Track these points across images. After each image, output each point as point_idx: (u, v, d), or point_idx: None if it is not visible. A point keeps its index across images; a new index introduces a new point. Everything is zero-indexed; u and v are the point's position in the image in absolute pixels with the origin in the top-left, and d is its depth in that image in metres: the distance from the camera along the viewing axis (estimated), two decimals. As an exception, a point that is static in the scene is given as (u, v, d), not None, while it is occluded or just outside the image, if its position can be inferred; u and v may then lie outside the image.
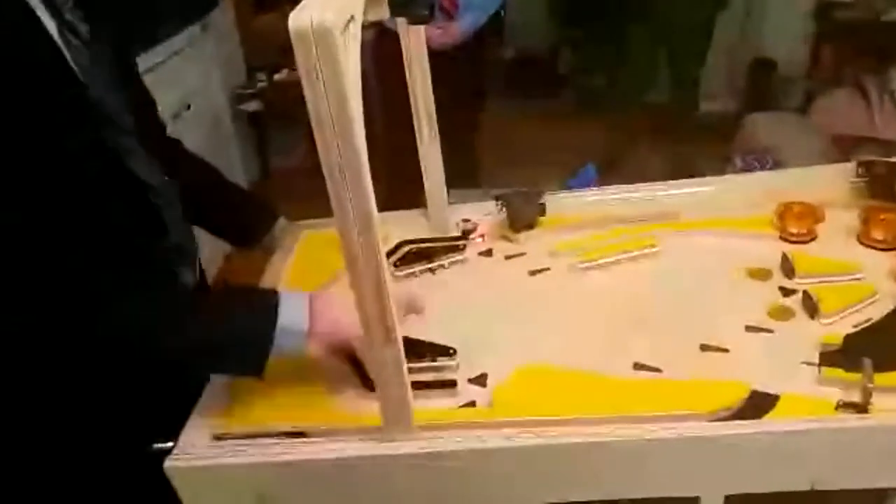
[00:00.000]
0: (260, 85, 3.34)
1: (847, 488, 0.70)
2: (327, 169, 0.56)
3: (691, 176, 1.20)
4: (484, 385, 0.81)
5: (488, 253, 1.10)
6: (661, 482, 0.72)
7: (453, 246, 1.09)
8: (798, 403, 0.72)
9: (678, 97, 3.29)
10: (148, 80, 1.05)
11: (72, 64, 0.75)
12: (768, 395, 0.73)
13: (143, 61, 1.99)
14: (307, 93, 0.52)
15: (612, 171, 2.66)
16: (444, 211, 1.14)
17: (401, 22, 0.92)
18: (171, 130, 1.12)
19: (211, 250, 2.48)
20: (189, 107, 2.51)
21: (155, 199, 0.88)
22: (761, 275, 0.96)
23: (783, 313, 0.88)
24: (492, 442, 0.71)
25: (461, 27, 2.18)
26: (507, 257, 1.08)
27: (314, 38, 0.49)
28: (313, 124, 0.53)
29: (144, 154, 0.87)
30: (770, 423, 0.69)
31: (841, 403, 0.70)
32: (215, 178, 1.15)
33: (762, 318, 0.87)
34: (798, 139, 2.74)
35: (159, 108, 1.06)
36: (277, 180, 3.41)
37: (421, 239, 1.10)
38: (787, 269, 0.95)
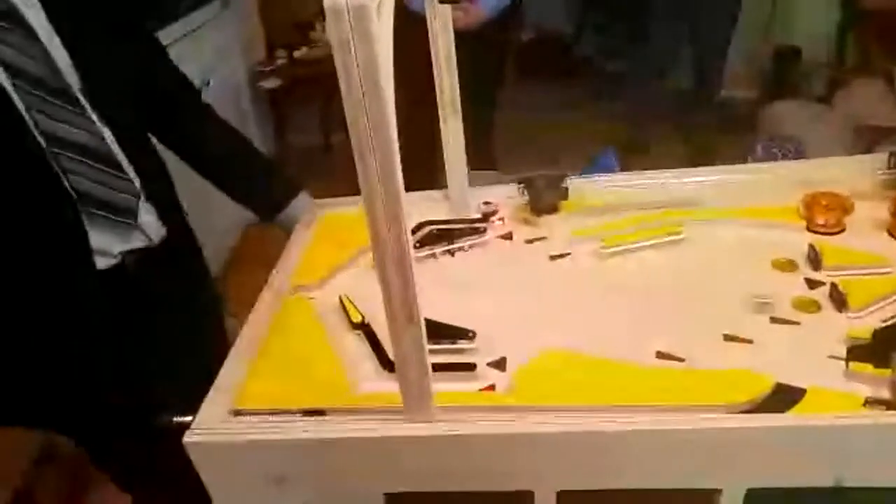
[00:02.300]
0: (279, 62, 3.32)
1: (874, 486, 0.69)
2: (357, 147, 0.55)
3: (711, 163, 1.18)
4: (503, 369, 0.81)
5: (508, 236, 1.09)
6: (681, 474, 0.71)
7: (474, 228, 1.08)
8: (825, 398, 0.70)
9: (700, 82, 3.23)
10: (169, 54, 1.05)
11: None
12: (794, 388, 0.71)
13: (164, 36, 1.99)
14: (339, 69, 0.51)
15: (631, 156, 2.63)
16: (464, 193, 1.13)
17: (429, 1, 0.91)
18: (191, 105, 1.12)
19: (230, 220, 2.50)
20: (209, 83, 2.50)
21: (66, 152, 0.91)
22: (787, 266, 0.94)
23: (809, 305, 0.86)
24: (512, 427, 0.70)
25: (483, 9, 2.16)
26: (528, 241, 1.07)
27: (349, 15, 0.48)
28: (344, 102, 0.52)
29: (82, 116, 0.92)
30: (796, 417, 0.68)
31: (870, 400, 0.69)
32: (242, 146, 1.17)
33: (788, 310, 0.86)
34: (821, 128, 2.70)
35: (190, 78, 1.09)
36: (295, 157, 3.40)
37: (442, 220, 1.09)
38: (814, 260, 0.93)
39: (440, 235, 1.07)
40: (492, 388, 0.78)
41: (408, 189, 1.15)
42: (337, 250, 1.05)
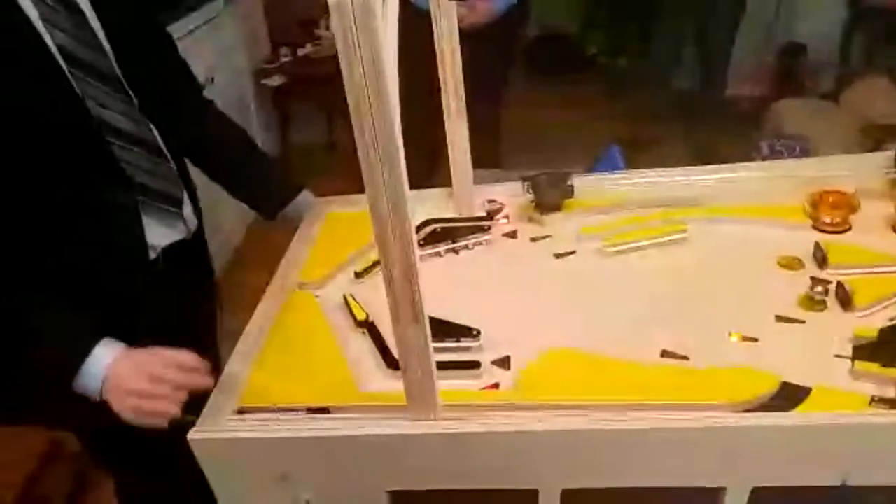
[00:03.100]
0: (283, 60, 3.32)
1: (880, 484, 0.68)
2: (361, 145, 0.55)
3: (716, 161, 1.17)
4: (508, 367, 0.81)
5: (513, 234, 1.09)
6: (686, 472, 0.71)
7: (478, 226, 1.08)
8: (831, 397, 0.70)
9: (705, 80, 3.22)
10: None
11: (35, 19, 0.81)
12: (800, 387, 0.71)
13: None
14: (343, 66, 0.51)
15: (636, 154, 2.62)
16: (469, 191, 1.12)
17: (434, -2, 0.91)
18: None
19: (234, 220, 2.51)
20: (213, 80, 2.50)
21: (119, 142, 0.90)
22: (792, 264, 0.94)
23: (815, 304, 0.86)
24: (516, 425, 0.70)
25: (491, 6, 2.15)
26: (533, 239, 1.07)
27: (353, 10, 0.48)
28: (349, 99, 0.52)
29: (127, 103, 0.90)
30: (802, 415, 0.68)
31: (876, 398, 0.69)
32: (245, 143, 1.17)
33: (793, 308, 0.85)
34: (827, 127, 2.68)
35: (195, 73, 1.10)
36: (299, 155, 3.40)
37: (446, 218, 1.09)
38: (820, 258, 0.93)
39: (444, 233, 1.07)
40: (496, 386, 0.78)
41: (410, 187, 1.14)
42: (341, 248, 1.05)
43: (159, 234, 0.98)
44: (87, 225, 0.89)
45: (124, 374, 0.80)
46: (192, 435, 0.74)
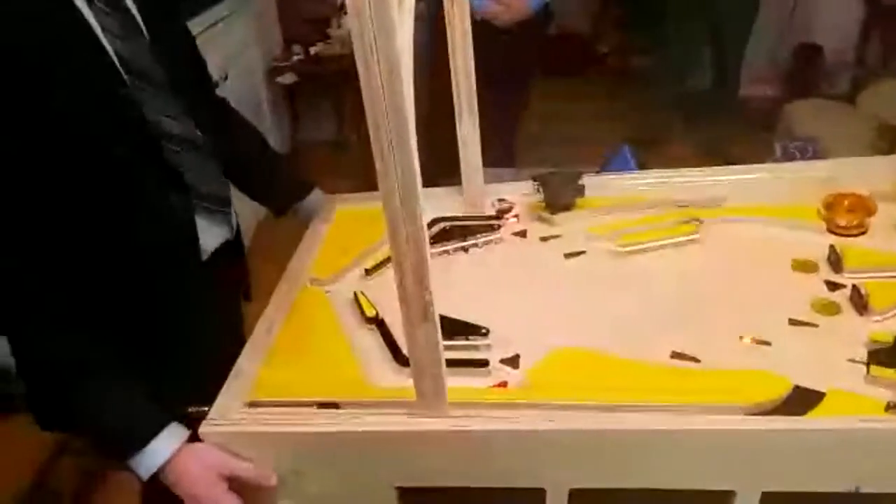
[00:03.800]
0: (296, 58, 3.33)
1: (895, 493, 0.68)
2: (376, 144, 0.54)
3: (729, 162, 1.16)
4: (516, 366, 0.80)
5: (523, 234, 1.08)
6: (695, 475, 0.71)
7: (488, 225, 1.08)
8: (845, 402, 0.69)
9: (718, 81, 3.20)
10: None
11: (95, 27, 0.80)
12: (813, 391, 0.71)
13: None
14: (360, 65, 0.51)
15: (648, 154, 2.61)
16: (479, 189, 1.12)
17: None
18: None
19: (245, 215, 2.51)
20: (226, 77, 2.52)
21: (172, 146, 0.89)
22: (806, 267, 0.93)
23: (829, 308, 0.85)
24: (524, 424, 0.70)
25: (527, 4, 2.14)
26: (543, 239, 1.06)
27: (371, 10, 0.48)
28: (364, 98, 0.52)
29: (173, 104, 0.89)
30: (815, 420, 0.67)
31: (891, 404, 0.68)
32: (256, 141, 1.17)
33: (807, 311, 0.85)
34: (843, 128, 2.65)
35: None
36: (310, 153, 3.42)
37: (456, 217, 1.09)
38: (835, 262, 0.92)
39: (454, 232, 1.06)
40: (504, 384, 0.78)
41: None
42: (351, 245, 1.05)
43: (211, 236, 0.98)
44: (145, 231, 0.88)
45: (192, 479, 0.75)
46: (203, 428, 0.75)
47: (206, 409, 0.77)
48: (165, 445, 0.76)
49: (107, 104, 0.81)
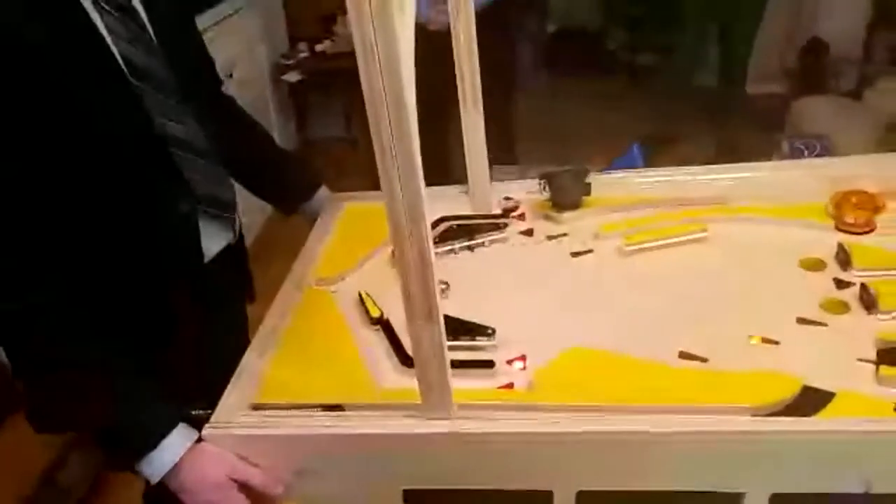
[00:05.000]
0: (301, 55, 3.33)
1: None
2: (378, 143, 0.54)
3: (736, 160, 1.15)
4: (523, 367, 0.80)
5: (529, 233, 1.08)
6: (703, 476, 0.70)
7: (494, 224, 1.07)
8: (854, 402, 0.69)
9: (726, 78, 3.18)
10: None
11: (101, 29, 0.80)
12: (822, 391, 0.70)
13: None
14: (361, 65, 0.50)
15: (655, 152, 2.59)
16: (485, 188, 1.12)
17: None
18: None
19: (251, 214, 2.52)
20: (231, 75, 2.52)
21: (177, 150, 0.89)
22: (815, 265, 0.92)
23: (838, 307, 0.84)
24: (531, 426, 0.70)
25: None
26: (549, 237, 1.06)
27: (371, 6, 0.48)
28: (366, 97, 0.52)
29: (179, 108, 0.89)
30: (824, 421, 0.67)
31: (901, 405, 0.67)
32: (263, 140, 1.17)
33: (815, 310, 0.84)
34: (851, 125, 2.64)
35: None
36: (316, 151, 3.42)
37: (461, 215, 1.09)
38: (843, 260, 0.91)
39: (460, 231, 1.06)
40: (510, 386, 0.77)
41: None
42: (357, 244, 1.05)
43: (213, 240, 0.98)
44: (147, 234, 0.88)
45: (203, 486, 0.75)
46: (207, 430, 0.75)
47: (210, 411, 0.76)
48: (175, 447, 0.76)
49: (111, 107, 0.81)
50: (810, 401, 0.69)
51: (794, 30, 3.55)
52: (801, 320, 0.82)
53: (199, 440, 0.76)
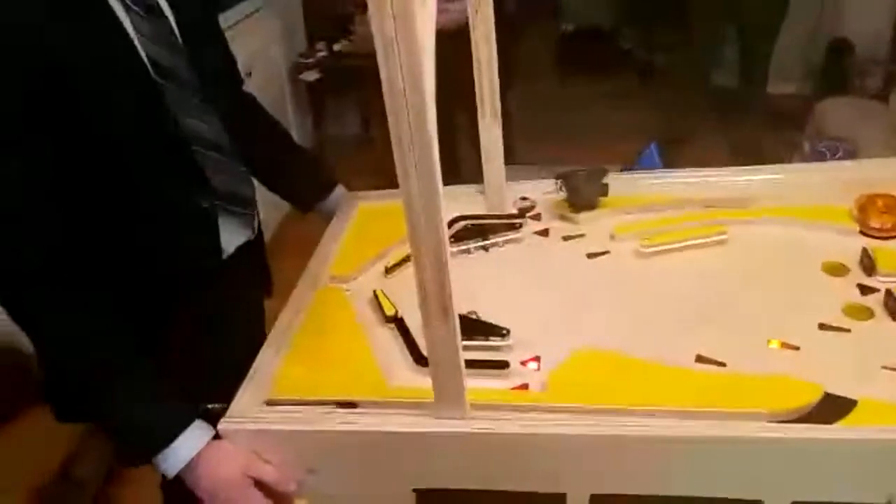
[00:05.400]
0: (319, 55, 3.34)
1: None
2: (396, 141, 0.54)
3: (756, 161, 1.14)
4: (537, 368, 0.79)
5: (545, 233, 1.07)
6: (719, 482, 0.69)
7: (509, 224, 1.07)
8: (877, 411, 0.67)
9: (746, 77, 3.13)
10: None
11: (129, 30, 0.80)
12: (844, 399, 0.68)
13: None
14: (381, 59, 0.50)
15: (674, 153, 2.57)
16: (501, 188, 1.11)
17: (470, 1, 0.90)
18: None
19: (269, 210, 2.54)
20: (250, 73, 2.53)
21: (199, 148, 0.89)
22: (838, 270, 0.90)
23: (861, 312, 0.82)
24: (545, 427, 0.69)
25: (459, 8, 2.10)
26: (565, 238, 1.05)
27: (392, 4, 0.47)
28: (385, 91, 0.51)
29: (202, 107, 0.89)
30: (846, 429, 0.65)
31: (927, 414, 0.66)
32: (282, 137, 1.17)
33: (838, 316, 0.82)
34: (875, 128, 2.59)
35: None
36: (332, 150, 3.43)
37: (477, 215, 1.08)
38: (868, 265, 0.89)
39: (475, 230, 1.05)
40: (525, 387, 0.77)
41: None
42: (372, 243, 1.05)
43: (232, 237, 0.98)
44: (167, 230, 0.88)
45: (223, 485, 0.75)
46: (222, 425, 0.75)
47: (225, 406, 0.77)
48: (191, 443, 0.76)
49: (136, 106, 0.82)
50: (832, 408, 0.68)
51: (818, 29, 3.49)
52: (823, 326, 0.81)
53: (216, 436, 0.76)
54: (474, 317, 0.86)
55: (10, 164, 0.74)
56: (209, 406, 0.79)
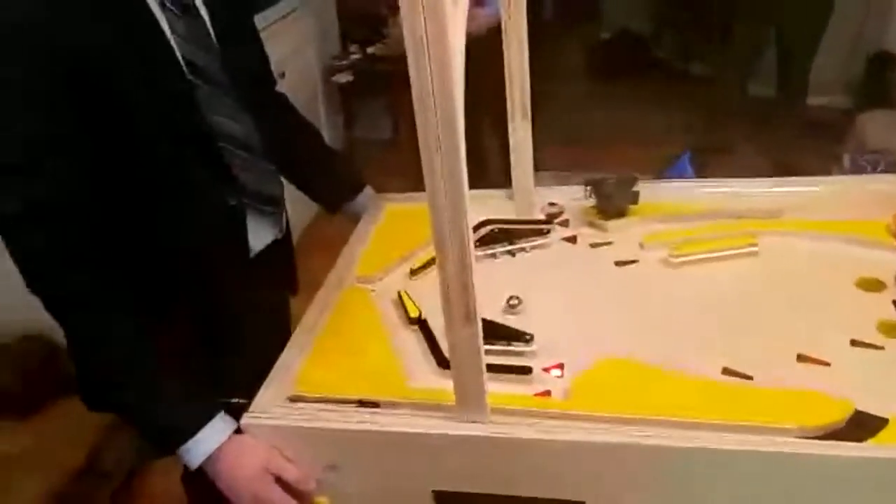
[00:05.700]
0: (353, 57, 3.37)
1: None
2: (423, 142, 0.54)
3: (793, 173, 1.11)
4: (561, 375, 0.79)
5: (572, 239, 1.06)
6: (745, 496, 0.68)
7: (537, 230, 1.06)
8: (910, 430, 0.65)
9: (784, 88, 3.07)
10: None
11: (165, 29, 0.82)
12: (876, 417, 0.67)
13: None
14: (410, 58, 0.50)
15: (709, 162, 2.53)
16: (529, 191, 1.11)
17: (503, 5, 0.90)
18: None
19: (298, 209, 2.57)
20: (283, 74, 2.56)
21: (230, 146, 0.90)
22: (873, 286, 0.88)
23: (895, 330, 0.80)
24: (567, 434, 0.69)
25: (487, 13, 2.08)
26: (593, 245, 1.04)
27: (423, 8, 0.47)
28: (414, 96, 0.52)
29: (234, 106, 0.90)
30: (877, 447, 0.64)
31: (961, 435, 0.64)
32: (313, 138, 1.18)
33: (871, 332, 0.80)
34: (917, 141, 2.52)
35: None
36: (362, 151, 3.45)
37: (504, 220, 1.08)
38: (905, 282, 0.87)
39: (502, 235, 1.05)
40: (547, 393, 0.76)
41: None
42: (399, 245, 1.06)
43: (260, 236, 0.99)
44: (195, 228, 0.90)
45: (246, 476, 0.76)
46: (245, 419, 0.76)
47: (247, 401, 0.78)
48: (214, 436, 0.77)
49: (169, 104, 0.83)
50: (862, 426, 0.66)
51: (859, 40, 3.41)
52: (855, 342, 0.79)
53: (238, 431, 0.77)
54: (515, 310, 0.84)
55: (56, 162, 0.75)
56: (232, 400, 0.80)
